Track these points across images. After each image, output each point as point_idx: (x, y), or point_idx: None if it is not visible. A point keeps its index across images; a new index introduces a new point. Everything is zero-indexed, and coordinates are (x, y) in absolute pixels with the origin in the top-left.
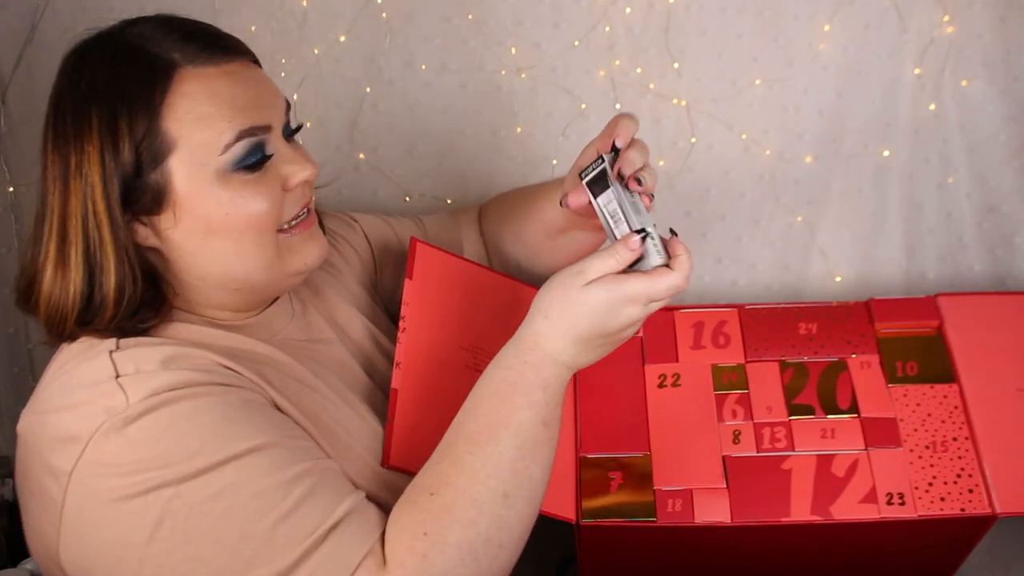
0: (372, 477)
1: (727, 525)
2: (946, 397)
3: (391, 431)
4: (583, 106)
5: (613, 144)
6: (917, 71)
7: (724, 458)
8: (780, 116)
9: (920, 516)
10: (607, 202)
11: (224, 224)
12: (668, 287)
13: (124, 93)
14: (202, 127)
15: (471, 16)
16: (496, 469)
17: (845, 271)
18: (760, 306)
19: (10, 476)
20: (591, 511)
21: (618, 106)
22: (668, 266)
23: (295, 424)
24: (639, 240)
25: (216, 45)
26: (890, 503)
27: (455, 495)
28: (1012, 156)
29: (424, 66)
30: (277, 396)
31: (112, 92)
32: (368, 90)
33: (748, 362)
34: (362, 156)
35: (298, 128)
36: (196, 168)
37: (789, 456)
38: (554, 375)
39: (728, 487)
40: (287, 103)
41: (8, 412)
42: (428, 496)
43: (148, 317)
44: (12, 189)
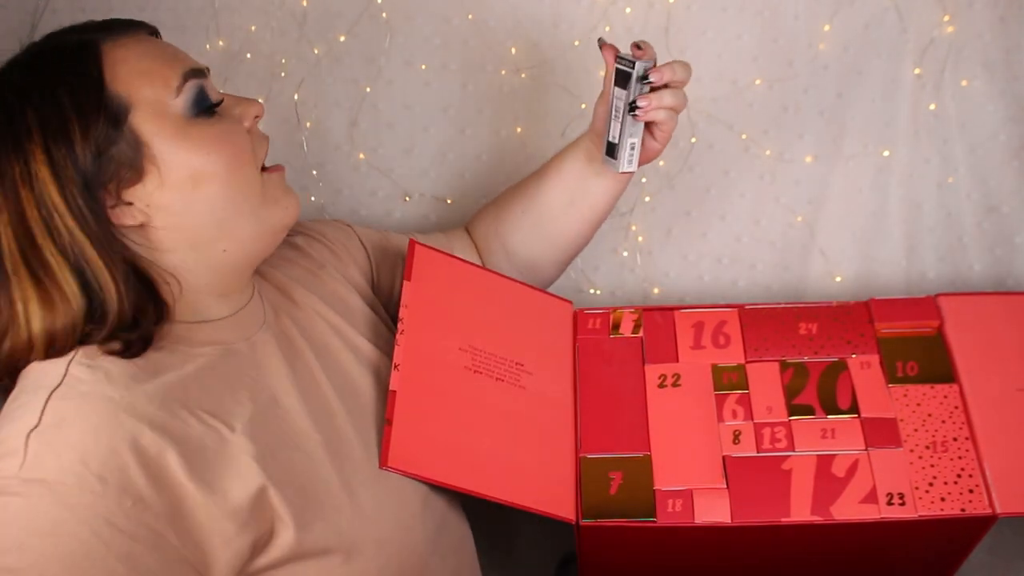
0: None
1: (727, 525)
2: (946, 397)
3: (389, 433)
4: (583, 106)
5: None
6: (917, 71)
7: (724, 458)
8: (780, 116)
9: (920, 516)
10: (619, 96)
11: (209, 168)
12: None
13: (59, 80)
14: (148, 79)
15: (471, 16)
16: None
17: (845, 271)
18: (760, 306)
19: None
20: (591, 511)
21: None
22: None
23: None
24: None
25: (121, 23)
26: (890, 503)
27: None
28: (1012, 156)
29: (424, 66)
30: (193, 482)
31: (46, 84)
32: (368, 90)
33: (748, 362)
34: (362, 156)
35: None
36: (159, 120)
37: (789, 456)
38: None
39: (728, 487)
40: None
41: None
42: None
43: (147, 328)
44: None
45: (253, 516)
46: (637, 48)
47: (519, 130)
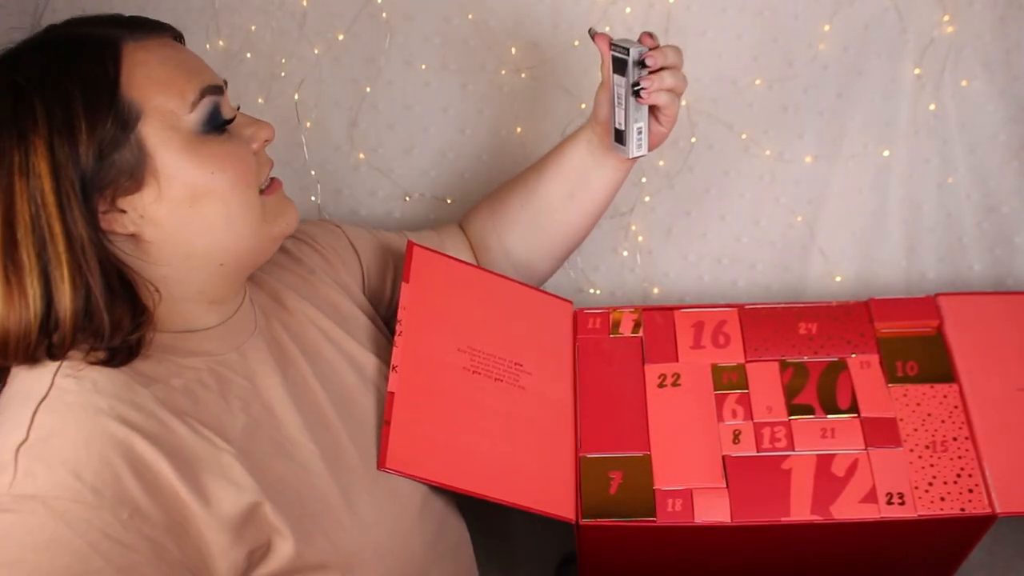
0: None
1: (727, 525)
2: (946, 397)
3: (387, 434)
4: (583, 106)
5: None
6: (917, 71)
7: (724, 458)
8: (780, 116)
9: (920, 516)
10: (619, 83)
11: (210, 187)
12: None
13: (75, 74)
14: (165, 89)
15: (471, 16)
16: None
17: (845, 271)
18: (760, 306)
19: None
20: (591, 511)
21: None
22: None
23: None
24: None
25: (145, 23)
26: (890, 503)
27: None
28: (1012, 156)
29: (424, 66)
30: (184, 485)
31: (60, 77)
32: (368, 90)
33: (748, 362)
34: (362, 156)
35: (237, 108)
36: (168, 132)
37: (789, 456)
38: None
39: (728, 487)
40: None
41: None
42: None
43: (127, 341)
44: None
45: (248, 528)
46: (649, 38)
47: (519, 130)
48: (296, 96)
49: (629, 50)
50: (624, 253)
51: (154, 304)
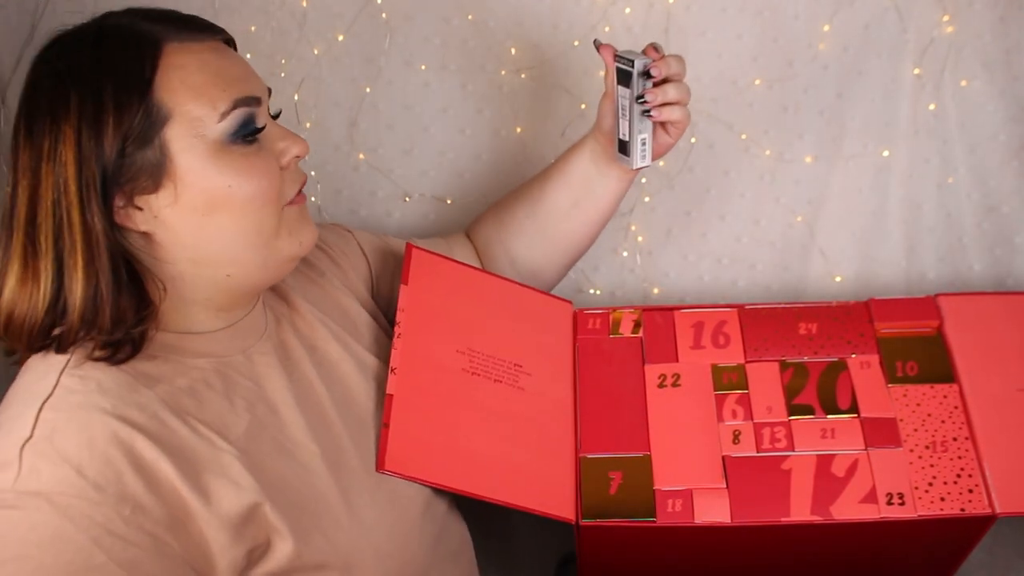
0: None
1: (727, 525)
2: (946, 397)
3: (386, 436)
4: (583, 106)
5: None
6: (917, 71)
7: (724, 458)
8: (780, 116)
9: (920, 516)
10: (623, 95)
11: (227, 198)
12: None
13: (111, 70)
14: (197, 95)
15: (471, 16)
16: None
17: (845, 271)
18: (760, 306)
19: None
20: (591, 511)
21: None
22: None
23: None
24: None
25: (195, 23)
26: (890, 503)
27: None
28: (1012, 156)
29: (424, 66)
30: (184, 483)
31: (97, 70)
32: (368, 90)
33: (748, 362)
34: (362, 156)
35: (278, 114)
36: (194, 139)
37: (789, 456)
38: None
39: (728, 487)
40: (269, 89)
41: None
42: None
43: (127, 337)
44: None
45: (247, 527)
46: (654, 50)
47: (519, 130)
48: (296, 96)
49: (634, 62)
50: (624, 253)
51: (160, 299)
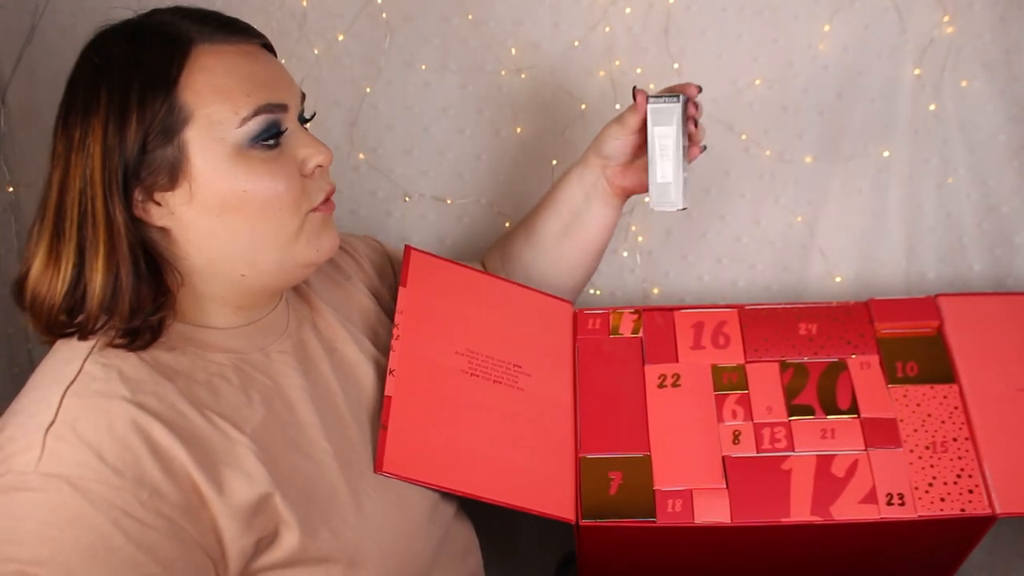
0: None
1: (727, 525)
2: (946, 397)
3: (384, 437)
4: (583, 106)
5: (683, 96)
6: (917, 71)
7: (724, 458)
8: (780, 116)
9: (920, 516)
10: (664, 135)
11: (241, 202)
12: None
13: (139, 67)
14: (220, 99)
15: (471, 16)
16: None
17: (845, 271)
18: (760, 306)
19: None
20: (591, 511)
21: (618, 107)
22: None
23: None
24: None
25: (232, 26)
26: (890, 503)
27: None
28: (1012, 156)
29: (424, 66)
30: (200, 474)
31: (126, 67)
32: (368, 90)
33: (748, 362)
34: (362, 156)
35: (311, 117)
36: (213, 142)
37: (789, 456)
38: None
39: (728, 487)
40: (303, 94)
41: None
42: None
43: (146, 325)
44: (12, 189)
45: (257, 517)
46: (696, 88)
47: (519, 130)
48: None
49: (678, 97)
50: (624, 253)
51: (177, 288)
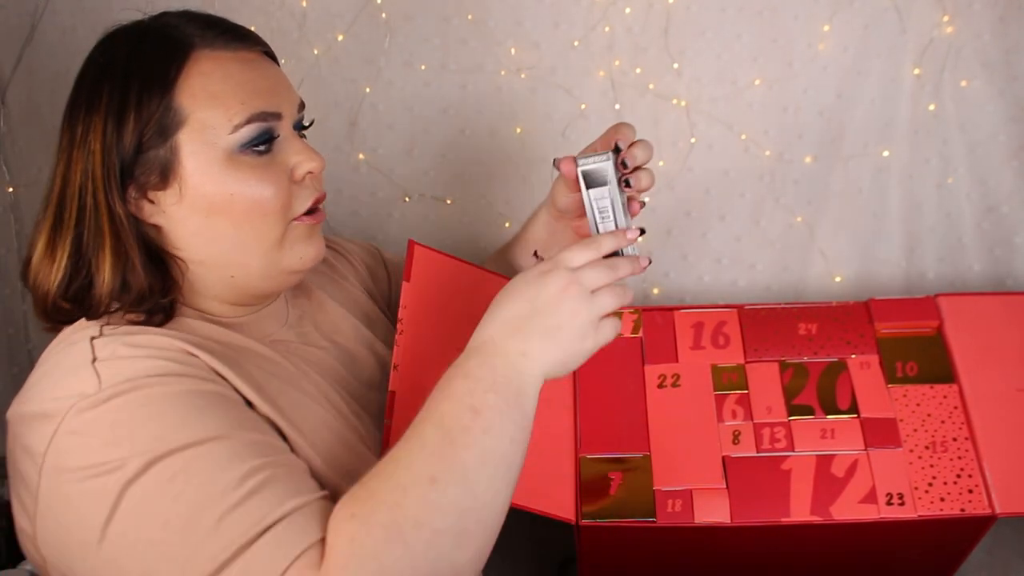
0: (346, 476)
1: (727, 525)
2: (946, 397)
3: (388, 432)
4: (583, 106)
5: (616, 145)
6: (917, 71)
7: (724, 458)
8: (780, 116)
9: (920, 516)
10: (599, 197)
11: (227, 205)
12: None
13: (139, 68)
14: (214, 105)
15: (471, 16)
16: (420, 455)
17: (845, 271)
18: (760, 306)
19: None
20: (591, 511)
21: (617, 107)
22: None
23: (264, 421)
24: (637, 232)
25: (234, 32)
26: (890, 503)
27: (381, 480)
28: (1012, 156)
29: (424, 66)
30: (252, 393)
31: (128, 67)
32: (368, 90)
33: (748, 362)
34: (362, 156)
35: (309, 124)
36: (205, 145)
37: (789, 456)
38: (476, 364)
39: (728, 487)
40: (302, 102)
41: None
42: (360, 485)
43: (158, 307)
44: (12, 189)
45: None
46: (624, 132)
47: (519, 130)
48: None
49: (607, 153)
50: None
51: (180, 276)
